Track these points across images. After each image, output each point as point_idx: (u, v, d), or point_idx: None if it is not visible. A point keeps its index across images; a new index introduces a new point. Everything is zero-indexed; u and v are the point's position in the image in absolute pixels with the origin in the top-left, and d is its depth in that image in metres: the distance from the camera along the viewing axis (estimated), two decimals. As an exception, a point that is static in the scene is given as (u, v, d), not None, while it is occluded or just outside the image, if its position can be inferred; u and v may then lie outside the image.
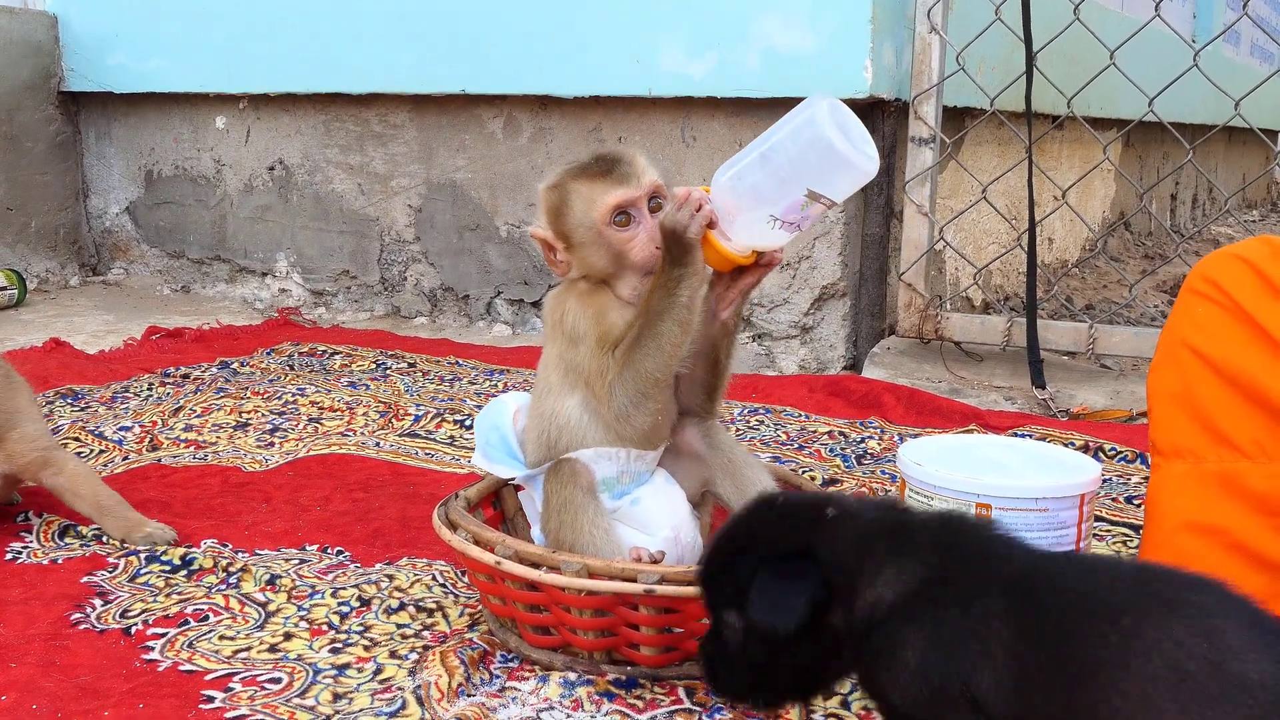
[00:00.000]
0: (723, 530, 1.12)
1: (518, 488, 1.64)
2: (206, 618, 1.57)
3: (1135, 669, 0.86)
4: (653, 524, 1.53)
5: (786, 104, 3.12)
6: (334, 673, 1.42)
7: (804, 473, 2.19)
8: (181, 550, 1.76)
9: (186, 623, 1.55)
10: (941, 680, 0.95)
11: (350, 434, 2.46)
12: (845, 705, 1.35)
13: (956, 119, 3.40)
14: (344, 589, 1.65)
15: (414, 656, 1.45)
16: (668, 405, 1.52)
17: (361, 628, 1.54)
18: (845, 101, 2.98)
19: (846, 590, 1.01)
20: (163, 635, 1.51)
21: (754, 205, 1.37)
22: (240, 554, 1.78)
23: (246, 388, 2.75)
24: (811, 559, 1.02)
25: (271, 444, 2.38)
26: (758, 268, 1.46)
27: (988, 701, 0.93)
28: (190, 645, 1.49)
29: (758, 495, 1.18)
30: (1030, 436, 2.37)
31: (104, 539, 1.82)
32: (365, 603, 1.60)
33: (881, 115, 3.14)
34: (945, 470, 1.31)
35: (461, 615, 1.58)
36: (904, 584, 1.00)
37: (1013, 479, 1.30)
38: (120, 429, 2.41)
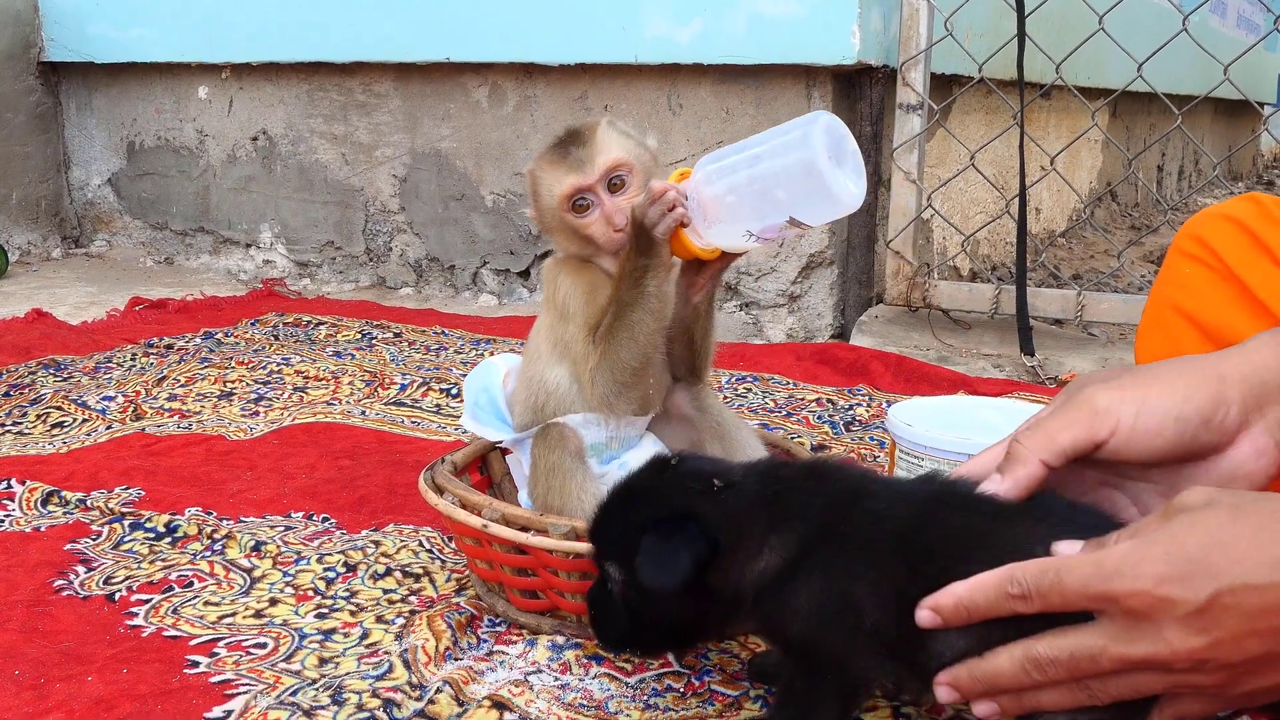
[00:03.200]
0: (615, 488, 1.17)
1: (505, 451, 1.63)
2: (191, 584, 1.55)
3: None
4: (641, 488, 1.52)
5: (774, 70, 3.13)
6: (320, 637, 1.41)
7: (793, 439, 2.18)
8: (166, 517, 1.75)
9: (171, 589, 1.54)
10: (835, 618, 1.03)
11: (336, 403, 2.44)
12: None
13: (944, 87, 3.38)
14: (330, 555, 1.63)
15: (401, 621, 1.44)
16: (659, 376, 1.52)
17: (348, 593, 1.53)
18: (832, 68, 3.00)
19: (731, 559, 1.08)
20: (147, 601, 1.50)
21: (733, 219, 1.34)
22: (225, 521, 1.77)
23: (231, 358, 2.73)
24: (696, 523, 1.08)
25: (256, 413, 2.36)
26: (725, 257, 1.44)
27: (879, 630, 1.02)
28: (175, 611, 1.47)
29: (650, 459, 1.22)
30: (1019, 403, 2.37)
31: (88, 506, 1.81)
32: (351, 568, 1.59)
33: (869, 82, 3.12)
34: (936, 431, 1.30)
35: (448, 580, 1.56)
36: (786, 551, 1.07)
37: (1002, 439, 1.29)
38: (103, 398, 2.39)
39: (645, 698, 1.27)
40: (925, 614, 0.98)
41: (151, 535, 1.71)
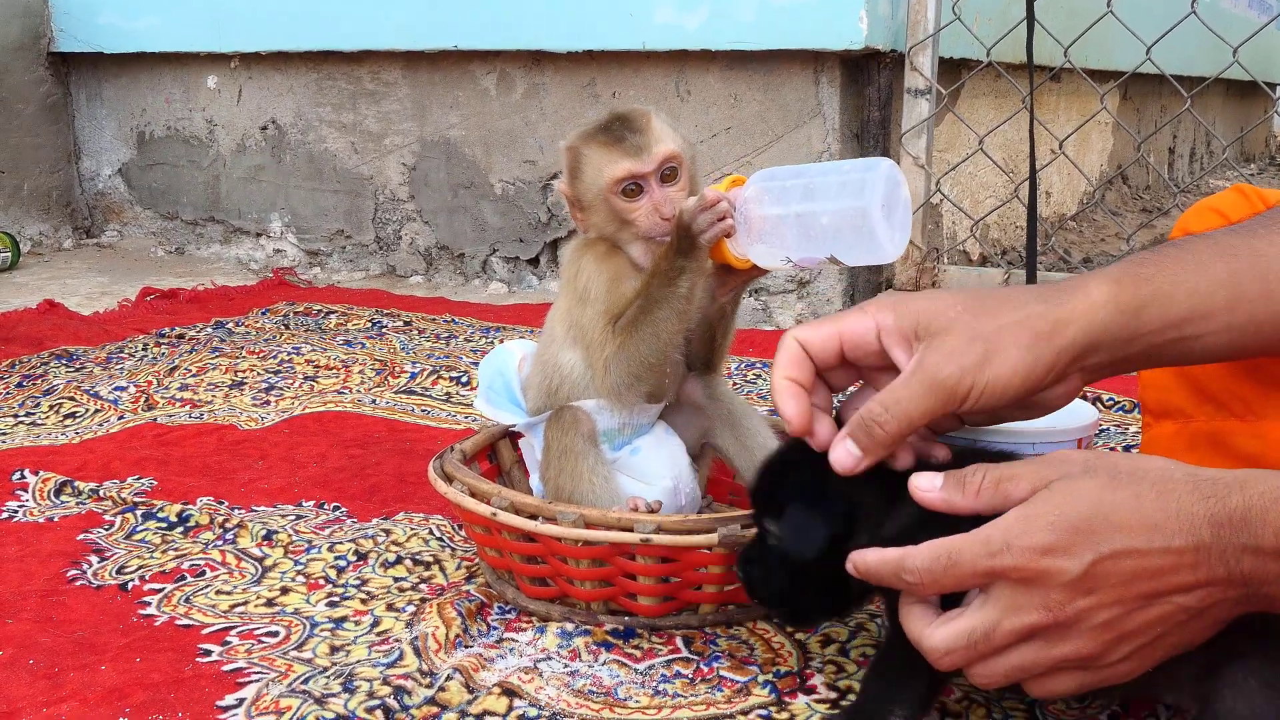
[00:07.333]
0: (782, 446, 1.22)
1: (517, 436, 1.64)
2: (203, 573, 1.57)
3: None
4: (652, 474, 1.52)
5: (782, 56, 3.13)
6: (331, 625, 1.42)
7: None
8: (178, 507, 1.76)
9: (183, 578, 1.55)
10: None
11: (346, 392, 2.45)
12: (844, 652, 1.35)
13: (953, 71, 3.37)
14: (341, 543, 1.64)
15: (411, 609, 1.45)
16: (675, 368, 1.52)
17: (358, 581, 1.54)
18: (840, 54, 2.99)
19: (872, 524, 1.10)
20: (159, 590, 1.51)
21: (775, 243, 1.35)
22: (237, 510, 1.78)
23: (242, 347, 2.74)
24: (840, 499, 1.11)
25: (267, 402, 2.38)
26: (757, 269, 1.45)
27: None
28: (187, 600, 1.48)
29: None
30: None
31: (101, 496, 1.82)
32: (362, 557, 1.60)
33: (877, 67, 3.12)
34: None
35: (459, 568, 1.57)
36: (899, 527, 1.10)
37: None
38: (115, 389, 2.41)
39: (654, 684, 1.28)
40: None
41: (164, 525, 1.72)
